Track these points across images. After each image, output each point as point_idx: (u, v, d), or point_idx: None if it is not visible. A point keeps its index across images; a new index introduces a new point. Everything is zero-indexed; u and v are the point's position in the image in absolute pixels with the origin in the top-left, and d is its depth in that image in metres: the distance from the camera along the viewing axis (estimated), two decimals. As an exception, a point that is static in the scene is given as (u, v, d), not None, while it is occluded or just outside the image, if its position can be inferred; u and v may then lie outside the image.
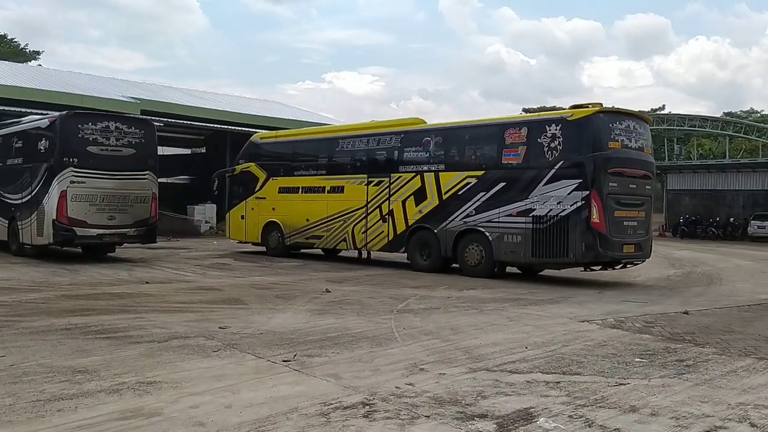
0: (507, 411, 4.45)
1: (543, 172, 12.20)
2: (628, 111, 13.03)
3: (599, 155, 11.78)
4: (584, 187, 11.68)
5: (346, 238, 15.68)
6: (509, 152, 12.87)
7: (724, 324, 8.44)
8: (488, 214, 12.98)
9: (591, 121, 11.94)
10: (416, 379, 5.25)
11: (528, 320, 8.33)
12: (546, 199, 12.10)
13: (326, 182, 16.18)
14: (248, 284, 11.45)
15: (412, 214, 14.34)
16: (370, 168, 15.44)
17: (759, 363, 6.19)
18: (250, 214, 17.97)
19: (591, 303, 10.13)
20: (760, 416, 4.49)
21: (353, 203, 15.45)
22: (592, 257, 11.94)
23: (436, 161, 14.18)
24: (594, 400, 4.76)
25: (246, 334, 6.95)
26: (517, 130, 12.85)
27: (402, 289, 11.15)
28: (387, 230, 14.84)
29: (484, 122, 14.19)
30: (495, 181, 12.95)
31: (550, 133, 12.19)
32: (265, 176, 17.61)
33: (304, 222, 16.54)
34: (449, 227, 13.66)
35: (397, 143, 14.96)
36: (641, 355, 6.40)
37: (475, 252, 13.30)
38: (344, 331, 7.24)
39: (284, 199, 17.09)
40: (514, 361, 5.96)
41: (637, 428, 4.19)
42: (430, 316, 8.40)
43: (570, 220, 11.81)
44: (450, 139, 14.31)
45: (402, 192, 14.55)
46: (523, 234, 12.41)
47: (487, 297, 10.49)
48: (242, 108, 36.27)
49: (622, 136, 12.21)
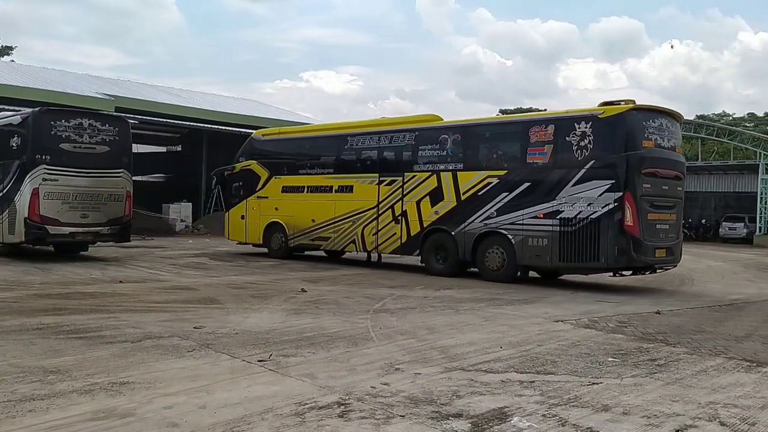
0: (481, 410, 4.48)
1: (572, 172, 11.66)
2: (661, 108, 12.34)
3: (633, 155, 11.26)
4: (617, 188, 11.16)
5: (356, 240, 15.02)
6: (534, 151, 12.29)
7: (696, 324, 8.58)
8: (511, 216, 12.40)
9: (625, 118, 11.43)
10: (392, 378, 5.27)
11: (503, 320, 8.39)
12: (575, 200, 11.55)
13: (334, 181, 15.51)
14: (224, 284, 11.38)
15: (428, 216, 13.74)
16: (381, 167, 14.77)
17: (729, 362, 6.30)
18: (250, 214, 17.34)
19: (565, 303, 10.23)
20: (729, 415, 4.57)
21: (363, 203, 14.81)
22: (625, 262, 11.46)
23: (454, 160, 13.54)
24: (567, 400, 4.82)
25: (221, 333, 6.90)
26: (542, 127, 12.23)
27: (379, 289, 11.16)
28: (400, 232, 14.22)
29: (507, 119, 13.77)
30: (519, 182, 12.40)
31: (580, 131, 11.61)
32: (268, 175, 16.97)
33: (309, 223, 15.90)
34: (468, 229, 13.05)
35: (411, 141, 14.30)
36: (614, 354, 6.48)
37: (496, 256, 12.72)
38: (320, 330, 7.23)
39: (288, 198, 16.48)
40: (489, 361, 5.99)
41: (610, 427, 4.25)
42: (406, 316, 8.42)
43: (601, 222, 11.28)
44: (469, 136, 13.65)
45: (416, 192, 13.93)
46: (550, 237, 11.85)
47: (464, 297, 10.54)
48: (219, 106, 36.04)
49: (655, 134, 11.69)
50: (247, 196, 17.45)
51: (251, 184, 17.35)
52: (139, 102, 30.29)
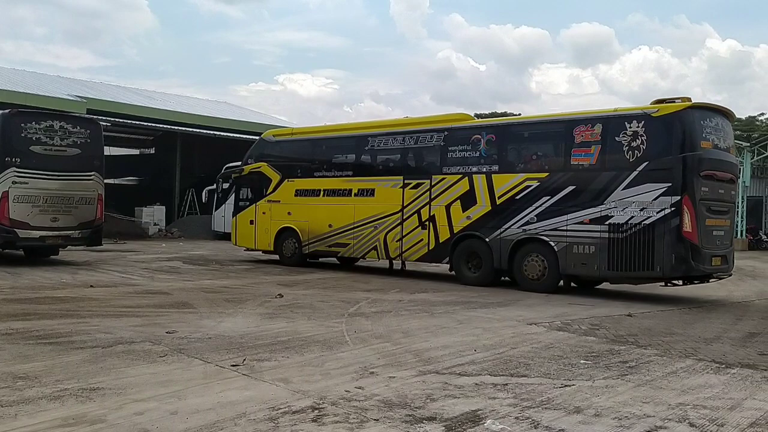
0: (455, 413, 4.50)
1: (622, 174, 10.96)
2: (717, 106, 11.63)
3: (692, 156, 10.57)
4: (674, 192, 10.50)
5: (377, 247, 14.16)
6: (579, 152, 11.56)
7: (666, 326, 8.70)
8: (553, 222, 11.66)
9: (682, 117, 10.73)
10: (366, 382, 5.26)
11: (477, 323, 8.43)
12: (626, 204, 10.86)
13: (353, 184, 14.67)
14: (198, 288, 11.28)
15: (459, 221, 12.94)
16: (406, 169, 14.04)
17: (698, 364, 6.40)
18: (260, 219, 16.44)
19: (539, 306, 10.30)
20: (699, 416, 4.64)
21: (386, 207, 13.95)
22: (683, 271, 10.78)
23: (488, 162, 12.73)
24: (540, 402, 4.85)
25: (194, 338, 6.84)
26: (588, 127, 11.45)
27: (354, 293, 11.15)
28: (427, 238, 13.39)
29: (548, 118, 12.86)
30: (562, 185, 11.66)
31: (631, 131, 10.90)
32: (280, 177, 16.07)
33: (326, 228, 15.03)
34: (505, 236, 12.27)
35: (439, 141, 13.45)
36: (586, 356, 6.55)
37: (536, 264, 11.95)
38: (295, 335, 7.20)
39: (302, 202, 15.61)
40: (463, 364, 6.02)
41: (581, 429, 4.29)
42: (381, 320, 8.42)
43: (656, 228, 10.60)
44: (505, 137, 12.93)
45: (446, 195, 13.11)
46: (598, 244, 11.14)
47: (438, 300, 10.58)
48: (193, 108, 35.73)
49: (712, 134, 11.05)
50: (257, 200, 16.60)
51: (261, 188, 16.51)
52: (112, 104, 29.92)
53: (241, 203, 17.20)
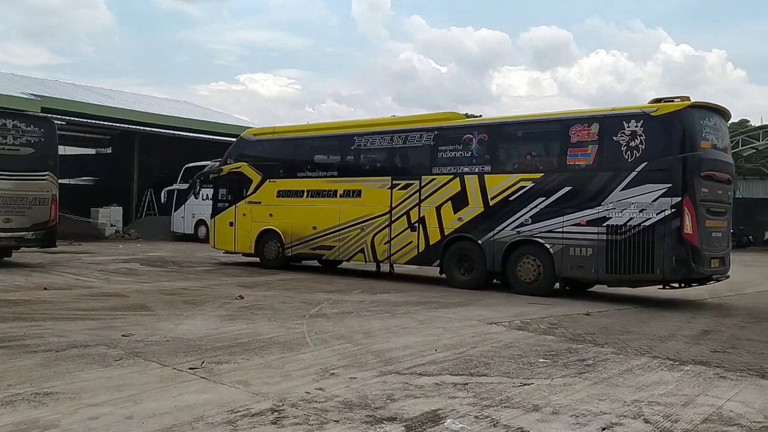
0: (415, 413, 4.51)
1: (620, 175, 10.74)
2: (716, 105, 11.40)
3: (692, 156, 10.39)
4: (674, 193, 10.29)
5: (364, 249, 13.78)
6: (576, 152, 11.32)
7: (622, 324, 8.87)
8: (549, 223, 11.39)
9: (682, 116, 10.53)
10: (327, 383, 5.24)
11: (438, 323, 8.47)
12: (625, 206, 10.63)
13: (339, 185, 14.28)
14: (155, 290, 11.09)
15: (450, 222, 12.62)
16: (395, 169, 13.70)
17: (653, 361, 6.53)
18: (240, 220, 15.94)
19: (499, 305, 10.40)
20: (653, 412, 4.74)
21: (374, 209, 13.59)
22: (684, 274, 10.54)
23: (480, 162, 12.43)
24: (499, 401, 4.90)
25: (151, 341, 6.72)
26: (585, 126, 11.19)
27: (315, 294, 11.10)
28: (417, 240, 13.03)
29: (543, 117, 12.53)
30: (557, 185, 11.41)
31: (630, 131, 10.67)
32: (261, 178, 15.61)
33: (309, 230, 14.64)
34: (498, 238, 11.99)
35: (429, 141, 13.09)
36: (545, 355, 6.63)
37: (530, 266, 11.68)
38: (255, 336, 7.13)
39: (284, 203, 15.16)
40: (424, 364, 6.04)
41: (540, 427, 4.34)
42: (342, 321, 8.40)
43: (656, 230, 10.38)
44: (498, 136, 12.61)
45: (436, 196, 12.80)
46: (595, 246, 10.87)
47: (400, 301, 10.60)
48: (151, 107, 35.14)
49: (711, 134, 10.90)
50: (237, 201, 16.10)
51: (241, 188, 16.03)
52: (67, 102, 29.19)
53: (220, 204, 16.67)
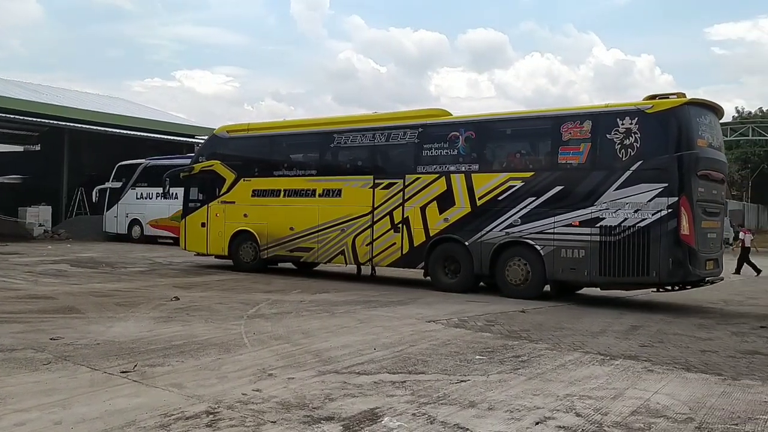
0: (353, 412, 4.50)
1: (614, 174, 10.38)
2: (711, 103, 11.09)
3: (689, 155, 10.07)
4: (670, 193, 9.95)
5: (345, 251, 13.25)
6: (567, 150, 10.92)
7: (556, 321, 9.09)
8: (539, 224, 10.99)
9: (678, 114, 10.20)
10: (264, 384, 5.18)
11: (378, 322, 8.49)
12: (619, 206, 10.26)
13: (317, 184, 13.72)
14: (86, 291, 10.74)
15: (435, 223, 12.16)
16: (377, 168, 13.15)
17: (585, 357, 6.72)
18: (213, 221, 15.27)
19: (438, 304, 10.50)
20: (584, 406, 4.87)
21: (355, 209, 13.06)
22: (681, 276, 10.20)
23: (467, 160, 11.97)
24: (437, 398, 4.94)
25: (81, 345, 6.51)
26: (577, 123, 10.80)
27: (254, 294, 10.96)
28: (400, 242, 12.55)
29: (533, 114, 12.18)
30: (548, 185, 11.00)
31: (624, 128, 10.30)
32: (235, 176, 14.99)
33: (287, 231, 14.06)
34: (486, 239, 11.56)
35: (413, 139, 12.62)
36: (481, 352, 6.73)
37: (519, 269, 11.31)
38: (190, 338, 6.98)
39: (260, 203, 14.54)
40: (363, 363, 6.05)
41: (475, 422, 4.40)
42: (281, 321, 8.33)
43: (651, 231, 10.03)
44: (486, 134, 12.16)
45: (420, 196, 12.33)
46: (588, 248, 10.49)
47: (339, 300, 10.58)
48: (82, 103, 33.99)
49: (707, 132, 10.60)
50: (209, 201, 15.44)
51: (214, 188, 15.38)
52: (-8, 97, 27.97)
53: (191, 204, 15.99)
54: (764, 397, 5.27)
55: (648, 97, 10.68)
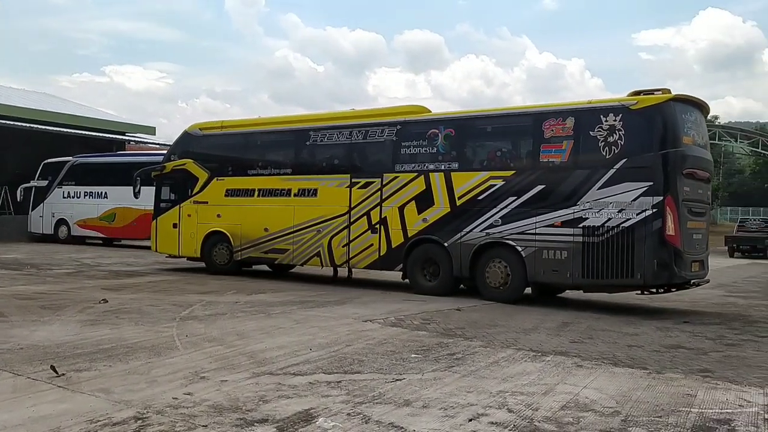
0: (287, 414, 4.46)
1: (598, 172, 10.10)
2: (697, 99, 10.76)
3: (675, 153, 9.84)
4: (655, 192, 9.69)
5: (321, 253, 12.90)
6: (549, 148, 10.66)
7: (490, 318, 9.25)
8: (520, 225, 10.70)
9: (663, 110, 9.93)
10: (196, 388, 5.07)
11: (314, 322, 8.45)
12: (602, 205, 9.99)
13: (293, 184, 13.36)
14: (8, 294, 10.28)
15: (414, 224, 11.84)
16: (354, 166, 12.84)
17: (518, 353, 6.86)
18: (185, 222, 14.82)
19: (375, 303, 10.53)
20: (516, 402, 4.97)
21: (331, 209, 12.73)
22: (666, 278, 9.96)
23: (446, 159, 11.67)
24: (372, 397, 4.95)
25: (3, 349, 6.22)
26: (560, 120, 10.52)
27: (187, 296, 10.73)
28: (378, 243, 12.23)
29: (514, 111, 11.87)
30: (529, 184, 10.72)
31: (608, 125, 10.03)
32: (208, 176, 14.59)
33: (261, 232, 13.68)
34: (466, 240, 11.25)
35: (392, 136, 12.32)
36: (417, 351, 6.79)
37: (499, 271, 11.02)
38: (119, 342, 6.78)
39: (234, 203, 14.15)
40: (298, 363, 6.00)
41: (410, 421, 4.43)
42: (215, 323, 8.18)
43: (636, 232, 9.75)
44: (466, 131, 11.86)
45: (399, 196, 12.02)
46: (570, 249, 10.21)
47: (276, 301, 10.47)
48: (6, 99, 32.51)
49: (692, 130, 10.36)
50: (181, 201, 15.00)
51: (186, 187, 14.94)
52: None
53: (163, 204, 15.51)
54: (686, 390, 5.49)
55: (632, 93, 10.39)
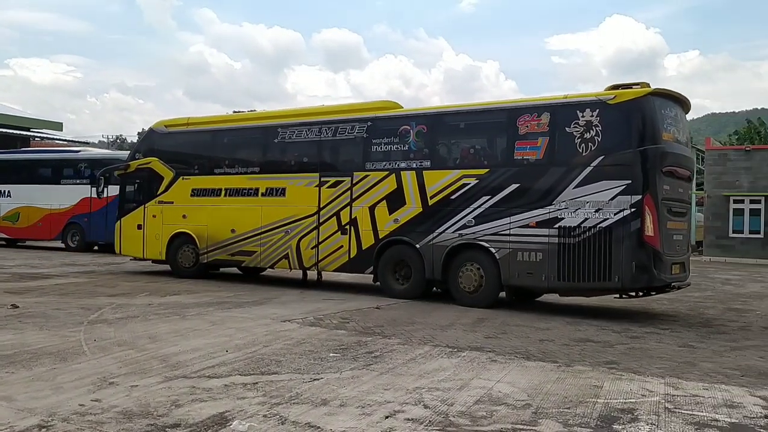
0: (201, 417, 4.36)
1: (574, 170, 9.71)
2: (677, 94, 10.33)
3: (654, 149, 9.40)
4: (634, 191, 9.28)
5: (289, 255, 12.39)
6: (524, 145, 10.21)
7: (409, 316, 9.35)
8: (494, 225, 10.27)
9: (642, 105, 9.53)
10: (104, 394, 4.89)
11: (231, 323, 8.30)
12: (579, 205, 9.60)
13: (260, 183, 12.82)
14: None
15: (385, 224, 11.38)
16: (323, 165, 12.37)
17: (434, 350, 6.97)
18: (150, 223, 14.23)
19: (294, 303, 10.45)
20: (432, 398, 5.04)
21: (299, 209, 12.26)
22: (645, 282, 9.53)
23: (418, 156, 11.23)
24: (289, 398, 4.91)
25: None
26: (534, 116, 10.12)
27: (97, 298, 10.32)
28: (348, 245, 11.77)
29: (488, 106, 11.38)
30: (504, 182, 10.30)
31: (584, 121, 9.65)
32: (173, 175, 14.01)
33: (228, 234, 13.14)
34: (438, 241, 10.82)
35: (362, 133, 11.81)
36: (335, 350, 6.78)
37: (472, 273, 10.56)
38: (22, 347, 6.44)
39: (200, 203, 13.58)
40: (213, 366, 5.88)
41: (327, 420, 4.42)
42: (126, 326, 7.90)
43: (614, 233, 9.36)
44: (439, 128, 11.40)
45: (369, 195, 11.56)
46: (546, 251, 9.80)
47: (191, 302, 10.22)
48: None
49: (672, 126, 9.97)
50: (146, 201, 14.38)
51: (151, 187, 14.33)
52: None
53: (127, 205, 14.86)
54: (594, 382, 5.72)
55: (610, 87, 10.00)
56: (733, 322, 9.97)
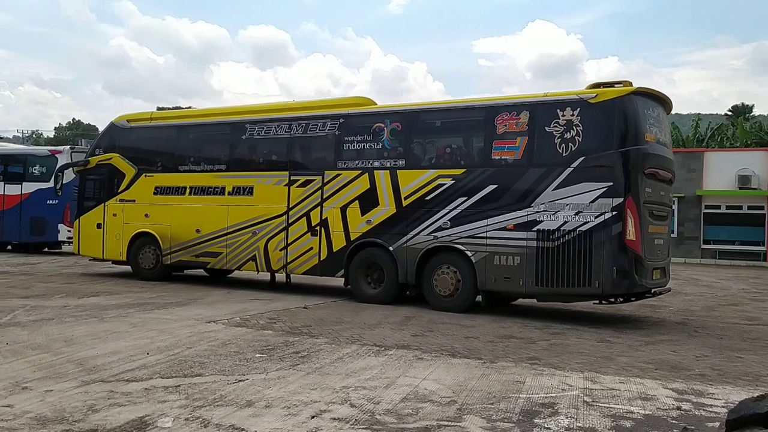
0: (119, 422, 4.23)
1: (553, 171, 9.41)
2: (660, 94, 10.10)
3: (636, 150, 9.15)
4: (615, 193, 9.00)
5: (256, 257, 11.93)
6: (502, 144, 9.90)
7: (337, 315, 9.33)
8: (470, 227, 9.94)
9: (624, 104, 9.26)
10: (17, 399, 4.67)
11: (153, 325, 8.07)
12: (558, 207, 9.31)
13: (227, 181, 12.31)
14: None
15: (356, 226, 10.98)
16: (293, 163, 11.88)
17: (362, 348, 6.98)
18: (110, 222, 13.59)
19: (219, 303, 10.26)
20: (359, 397, 5.05)
21: (268, 209, 11.79)
22: (626, 287, 9.20)
23: (392, 155, 10.85)
24: (212, 400, 4.82)
25: None
26: (513, 115, 9.82)
27: (9, 300, 9.85)
28: (318, 247, 11.34)
29: (465, 104, 10.97)
30: (481, 183, 9.95)
31: (564, 120, 9.38)
32: (135, 172, 13.38)
33: (193, 234, 12.58)
34: (412, 244, 10.44)
35: (334, 130, 11.39)
36: (262, 350, 6.70)
37: (448, 277, 10.19)
38: (-75, 353, 6.09)
39: (163, 202, 13.01)
40: (133, 369, 5.70)
41: (252, 421, 4.36)
42: (40, 329, 7.57)
43: (594, 236, 9.07)
44: (414, 126, 10.95)
45: (341, 195, 11.13)
46: (524, 255, 9.49)
47: (110, 304, 9.88)
48: None
49: (654, 126, 9.73)
50: (106, 199, 13.72)
51: (112, 184, 13.66)
52: None
53: (87, 203, 14.13)
54: (516, 377, 5.86)
55: (591, 85, 9.72)
56: (648, 317, 10.43)
